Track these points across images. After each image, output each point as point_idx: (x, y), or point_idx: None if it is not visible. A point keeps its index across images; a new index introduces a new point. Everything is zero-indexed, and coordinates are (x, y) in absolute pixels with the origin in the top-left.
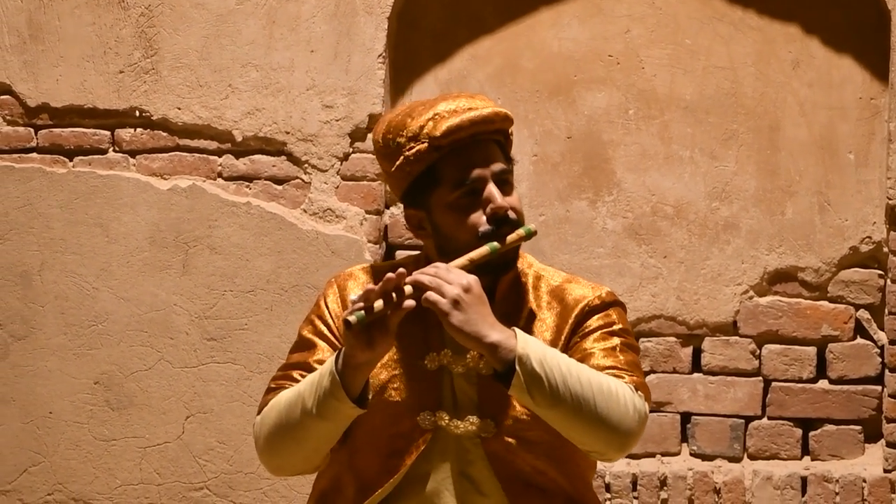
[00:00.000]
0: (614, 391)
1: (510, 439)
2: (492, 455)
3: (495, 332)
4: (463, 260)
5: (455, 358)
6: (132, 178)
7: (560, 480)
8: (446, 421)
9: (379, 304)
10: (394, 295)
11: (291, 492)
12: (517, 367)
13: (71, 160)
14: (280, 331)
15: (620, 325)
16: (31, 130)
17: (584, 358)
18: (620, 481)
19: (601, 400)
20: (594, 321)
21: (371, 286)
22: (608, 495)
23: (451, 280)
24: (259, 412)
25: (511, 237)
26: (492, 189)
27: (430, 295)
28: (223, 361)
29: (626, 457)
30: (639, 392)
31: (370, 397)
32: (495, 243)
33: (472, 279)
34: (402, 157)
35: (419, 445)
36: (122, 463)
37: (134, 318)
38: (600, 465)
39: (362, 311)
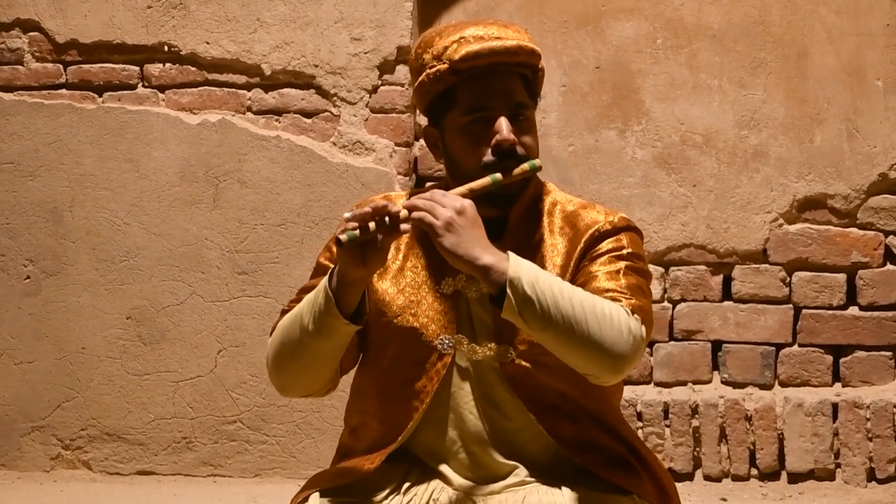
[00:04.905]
0: (608, 313)
1: (527, 363)
2: (512, 379)
3: (487, 255)
4: (463, 189)
5: (469, 282)
6: (161, 114)
7: (583, 401)
8: (465, 345)
9: (373, 225)
10: (387, 219)
11: (324, 424)
12: (508, 290)
13: (100, 96)
14: (311, 263)
15: (630, 250)
16: (60, 67)
17: (587, 281)
18: (652, 409)
19: (593, 322)
20: (604, 245)
21: (367, 207)
22: (640, 423)
23: (444, 203)
24: (271, 333)
25: (516, 171)
26: (501, 122)
27: (424, 216)
28: (254, 295)
29: (658, 385)
30: (635, 315)
31: (383, 320)
32: (498, 175)
33: (466, 203)
34: (423, 75)
35: (439, 371)
36: (155, 397)
37: (165, 252)
38: (632, 394)
39: (355, 232)
